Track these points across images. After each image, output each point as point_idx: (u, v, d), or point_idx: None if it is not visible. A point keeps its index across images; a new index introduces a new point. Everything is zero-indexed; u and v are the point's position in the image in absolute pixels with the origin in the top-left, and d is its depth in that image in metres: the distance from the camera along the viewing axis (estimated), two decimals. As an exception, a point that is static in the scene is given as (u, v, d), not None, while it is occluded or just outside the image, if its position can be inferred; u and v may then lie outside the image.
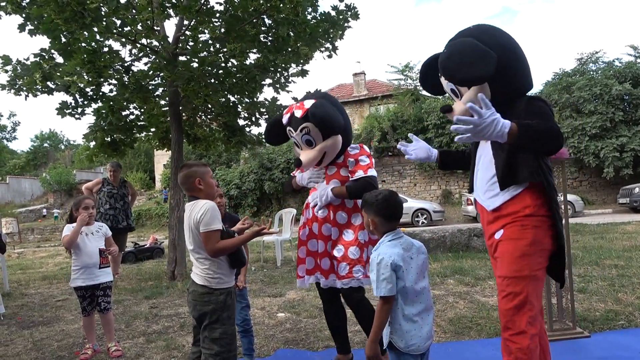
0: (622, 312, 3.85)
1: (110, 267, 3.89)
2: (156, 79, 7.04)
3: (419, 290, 2.07)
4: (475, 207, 2.46)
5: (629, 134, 16.30)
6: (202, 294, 2.40)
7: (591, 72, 18.37)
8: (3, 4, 6.00)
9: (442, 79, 2.41)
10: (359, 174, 2.83)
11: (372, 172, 2.85)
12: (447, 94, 2.55)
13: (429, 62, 2.51)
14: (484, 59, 2.09)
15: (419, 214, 15.55)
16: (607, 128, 16.59)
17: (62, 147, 48.54)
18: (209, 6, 6.66)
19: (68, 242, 3.67)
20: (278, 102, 7.60)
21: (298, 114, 2.87)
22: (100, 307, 3.77)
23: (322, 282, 2.98)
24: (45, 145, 47.56)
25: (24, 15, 6.05)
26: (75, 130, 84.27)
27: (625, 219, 11.50)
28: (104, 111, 7.12)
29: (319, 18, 7.19)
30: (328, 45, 7.46)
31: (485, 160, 2.32)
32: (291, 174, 3.33)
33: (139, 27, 6.60)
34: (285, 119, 2.97)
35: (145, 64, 6.99)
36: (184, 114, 7.74)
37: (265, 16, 6.93)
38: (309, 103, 2.85)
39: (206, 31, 7.02)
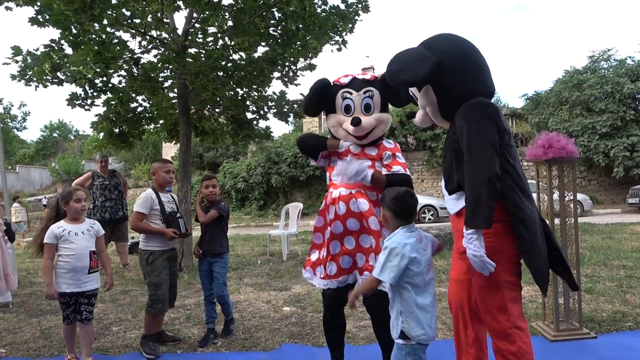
0: (629, 313, 3.82)
1: (98, 271, 3.40)
2: (165, 71, 7.05)
3: (428, 281, 2.21)
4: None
5: (639, 134, 16.12)
6: (139, 254, 3.67)
7: (603, 70, 18.13)
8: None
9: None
10: (398, 169, 2.72)
11: (409, 173, 2.77)
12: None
13: None
14: (420, 62, 2.21)
15: (426, 210, 15.48)
16: (617, 127, 16.40)
17: (71, 137, 48.78)
18: (218, -1, 6.65)
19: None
20: (287, 96, 7.59)
21: (365, 77, 2.84)
22: (82, 317, 3.29)
23: (359, 280, 2.70)
24: (55, 135, 47.83)
25: (35, 7, 6.08)
26: (84, 120, 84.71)
27: (634, 219, 11.40)
28: (113, 102, 7.15)
29: (328, 11, 7.17)
30: (337, 38, 7.44)
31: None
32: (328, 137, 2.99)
33: (149, 19, 6.60)
34: (345, 80, 2.83)
35: (155, 55, 6.99)
36: (192, 107, 7.75)
37: (275, 9, 6.91)
38: (374, 74, 2.89)
39: (215, 24, 7.02)
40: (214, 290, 3.87)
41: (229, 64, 6.75)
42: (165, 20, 6.78)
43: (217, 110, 8.28)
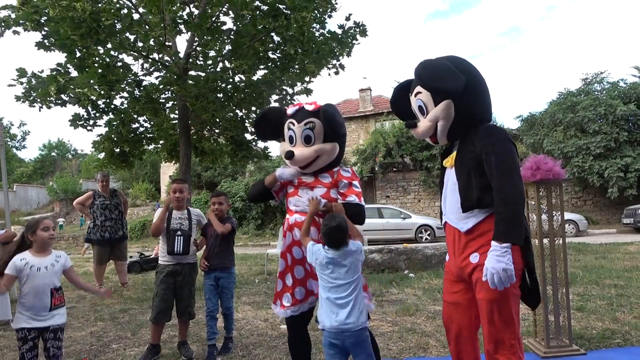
0: (619, 331, 3.92)
1: (64, 307, 3.11)
2: (166, 93, 7.23)
3: (343, 284, 2.51)
4: (444, 230, 2.57)
5: (633, 154, 16.32)
6: None
7: (596, 92, 18.43)
8: (22, 21, 6.23)
9: (412, 96, 2.56)
10: (354, 199, 2.75)
11: (363, 202, 2.80)
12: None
13: (401, 86, 2.69)
14: (454, 75, 2.27)
15: (423, 230, 15.56)
16: (611, 148, 16.62)
17: (69, 156, 48.92)
18: (219, 23, 6.87)
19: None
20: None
21: (309, 107, 2.83)
22: (49, 354, 3.01)
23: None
24: (53, 154, 47.96)
25: (42, 32, 6.28)
26: (83, 140, 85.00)
27: (628, 239, 11.50)
28: (115, 123, 7.31)
29: (327, 35, 7.39)
30: (335, 62, 7.65)
31: (451, 185, 2.45)
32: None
33: (151, 43, 6.80)
34: (291, 111, 2.88)
35: (157, 78, 7.17)
36: (192, 128, 7.92)
37: (274, 34, 7.13)
38: (321, 104, 2.87)
39: (215, 48, 7.23)
40: (222, 303, 4.01)
41: (229, 86, 6.93)
42: (167, 43, 6.98)
43: (216, 131, 8.45)
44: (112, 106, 7.22)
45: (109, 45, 6.33)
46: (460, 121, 2.38)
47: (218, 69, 7.02)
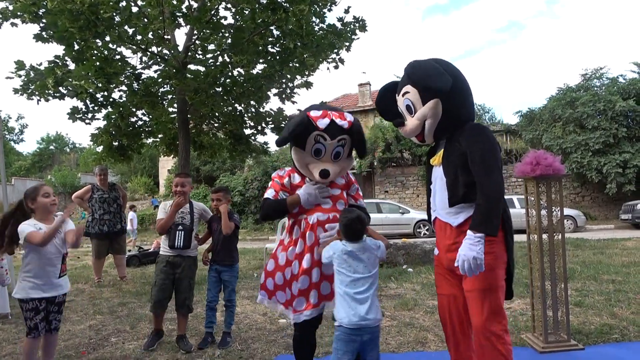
0: (616, 326, 3.93)
1: (67, 275, 3.12)
2: (165, 86, 7.20)
3: (358, 278, 2.49)
4: (433, 225, 2.67)
5: (632, 150, 16.32)
6: None
7: (595, 88, 18.41)
8: (20, 13, 6.19)
9: (399, 96, 2.63)
10: (362, 203, 2.94)
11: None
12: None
13: (387, 87, 2.79)
14: (442, 75, 2.37)
15: (421, 225, 15.58)
16: (610, 144, 16.62)
17: (68, 149, 48.81)
18: (218, 17, 6.83)
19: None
20: (284, 113, 7.75)
21: (343, 124, 2.66)
22: (51, 326, 3.03)
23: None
24: (51, 147, 47.86)
25: (40, 24, 6.24)
26: (81, 133, 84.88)
27: (626, 235, 11.53)
28: (113, 116, 7.29)
29: (326, 29, 7.36)
30: (334, 56, 7.63)
31: (439, 182, 2.54)
32: (268, 197, 2.79)
33: (150, 36, 6.76)
34: (322, 124, 2.62)
35: (155, 71, 7.14)
36: (191, 122, 7.89)
37: (273, 27, 7.10)
38: (349, 116, 2.74)
39: (215, 41, 7.19)
40: (224, 295, 4.13)
41: (228, 80, 6.91)
42: (166, 36, 6.95)
43: (215, 125, 8.43)
44: (111, 99, 7.18)
45: (108, 38, 6.30)
46: (446, 121, 2.47)
47: (217, 63, 6.99)
